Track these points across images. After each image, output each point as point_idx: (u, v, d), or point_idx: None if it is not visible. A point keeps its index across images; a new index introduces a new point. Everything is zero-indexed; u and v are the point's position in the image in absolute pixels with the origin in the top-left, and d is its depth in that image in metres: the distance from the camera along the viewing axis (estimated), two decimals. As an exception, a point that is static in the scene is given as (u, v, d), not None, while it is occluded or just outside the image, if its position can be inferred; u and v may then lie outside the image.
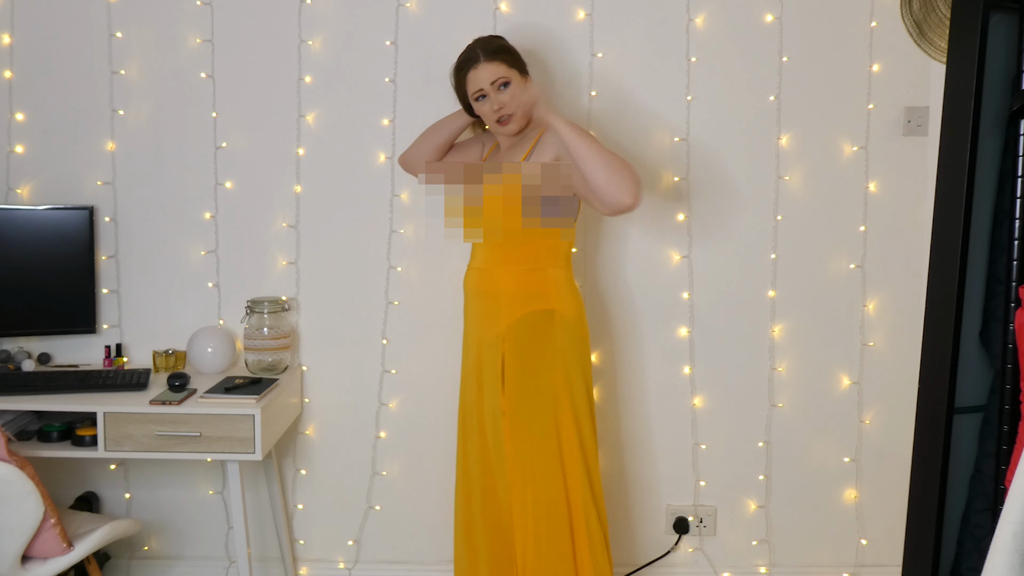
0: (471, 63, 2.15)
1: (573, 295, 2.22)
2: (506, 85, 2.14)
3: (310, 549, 2.72)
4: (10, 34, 2.55)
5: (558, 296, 2.17)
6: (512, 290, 2.17)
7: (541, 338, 2.14)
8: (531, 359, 2.14)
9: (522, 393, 2.14)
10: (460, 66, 2.19)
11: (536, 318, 2.14)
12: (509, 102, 2.14)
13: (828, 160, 2.58)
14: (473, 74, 2.15)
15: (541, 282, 2.17)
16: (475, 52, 2.16)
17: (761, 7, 2.54)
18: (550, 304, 2.15)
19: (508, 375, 2.15)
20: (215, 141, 2.59)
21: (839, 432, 2.66)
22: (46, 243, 2.46)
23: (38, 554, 2.03)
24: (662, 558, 2.70)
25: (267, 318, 2.48)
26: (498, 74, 2.13)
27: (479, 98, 2.17)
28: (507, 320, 2.15)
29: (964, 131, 1.80)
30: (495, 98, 2.14)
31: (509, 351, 2.14)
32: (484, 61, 2.13)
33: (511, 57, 2.18)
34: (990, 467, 1.90)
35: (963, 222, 1.80)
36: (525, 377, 2.14)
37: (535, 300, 2.15)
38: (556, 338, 2.14)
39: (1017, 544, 1.21)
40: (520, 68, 2.19)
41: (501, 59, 2.15)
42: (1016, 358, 1.79)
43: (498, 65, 2.14)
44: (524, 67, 2.22)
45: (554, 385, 2.14)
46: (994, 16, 1.81)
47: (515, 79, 2.16)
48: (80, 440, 2.24)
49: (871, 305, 2.62)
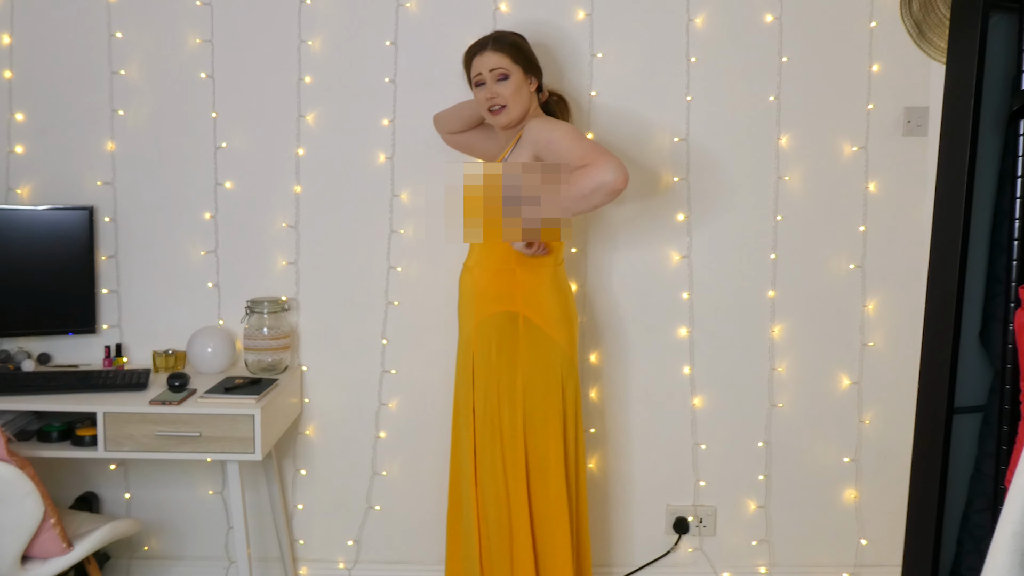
0: (479, 48, 2.21)
1: (546, 297, 2.18)
2: (505, 78, 2.17)
3: (310, 549, 2.72)
4: (10, 34, 2.55)
5: (523, 298, 2.17)
6: (482, 290, 2.19)
7: (503, 340, 2.15)
8: (493, 360, 2.16)
9: (486, 393, 2.17)
10: (469, 51, 2.24)
11: (499, 319, 2.16)
12: (503, 94, 2.16)
13: (828, 160, 2.58)
14: (478, 59, 2.20)
15: (508, 283, 2.17)
16: (486, 40, 2.21)
17: (761, 7, 2.54)
18: (514, 306, 2.16)
19: (476, 374, 2.18)
20: (215, 141, 2.59)
21: (839, 432, 2.66)
22: (46, 243, 2.46)
23: (38, 554, 2.03)
24: (662, 558, 2.70)
25: (267, 318, 2.48)
26: (499, 65, 2.17)
27: (478, 84, 2.21)
28: (476, 319, 2.19)
29: (964, 131, 1.80)
30: (490, 87, 2.18)
31: (477, 351, 2.18)
32: (490, 50, 2.18)
33: (517, 53, 2.20)
34: (990, 467, 1.90)
35: (963, 222, 1.80)
36: (488, 377, 2.16)
37: (500, 301, 2.17)
38: (519, 340, 2.15)
39: (1017, 544, 1.21)
40: (525, 67, 2.20)
41: (506, 52, 2.18)
42: (1016, 358, 1.79)
43: (501, 57, 2.17)
44: (532, 68, 2.23)
45: (512, 387, 2.15)
46: (994, 16, 1.81)
47: (516, 75, 2.17)
48: (80, 440, 2.24)
49: (871, 305, 2.62)
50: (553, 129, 2.07)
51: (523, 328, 2.16)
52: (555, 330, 2.17)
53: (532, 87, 2.22)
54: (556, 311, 2.19)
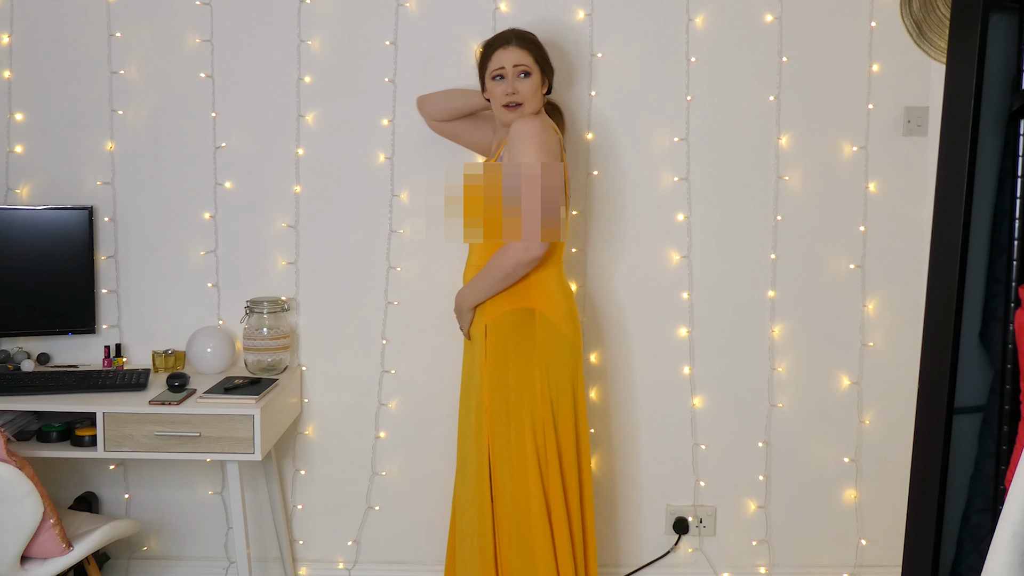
0: (502, 42, 2.20)
1: (556, 294, 2.18)
2: (526, 75, 2.17)
3: (310, 549, 2.71)
4: (10, 34, 2.54)
5: (537, 295, 2.16)
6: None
7: (520, 336, 2.15)
8: (510, 357, 2.15)
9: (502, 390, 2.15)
10: (490, 43, 2.23)
11: (514, 316, 2.16)
12: (523, 92, 2.16)
13: (828, 160, 2.58)
14: (500, 53, 2.18)
15: (521, 280, 2.16)
16: (509, 34, 2.21)
17: (761, 7, 2.54)
18: (529, 303, 2.15)
19: (489, 372, 2.16)
20: (215, 141, 2.59)
21: (839, 432, 2.66)
22: (46, 243, 2.46)
23: (37, 554, 2.03)
24: (662, 558, 2.70)
25: (267, 318, 2.48)
26: (522, 61, 2.17)
27: (496, 77, 2.19)
28: (488, 317, 2.17)
29: (964, 131, 1.80)
30: (511, 82, 2.16)
31: (490, 348, 2.16)
32: (514, 45, 2.18)
33: (540, 53, 2.21)
34: (990, 467, 1.89)
35: (963, 222, 1.80)
36: (505, 374, 2.15)
37: (513, 298, 2.16)
38: (536, 337, 2.14)
39: (1017, 544, 1.21)
40: (544, 69, 2.21)
41: (530, 50, 2.19)
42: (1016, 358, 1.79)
43: (525, 54, 2.17)
44: (548, 69, 2.23)
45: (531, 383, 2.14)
46: (994, 16, 1.81)
47: (536, 75, 2.18)
48: (79, 440, 2.24)
49: (871, 305, 2.62)
50: (522, 154, 2.06)
51: (539, 324, 2.15)
52: (567, 326, 2.18)
53: (544, 89, 2.22)
54: (565, 308, 2.20)
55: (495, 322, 2.16)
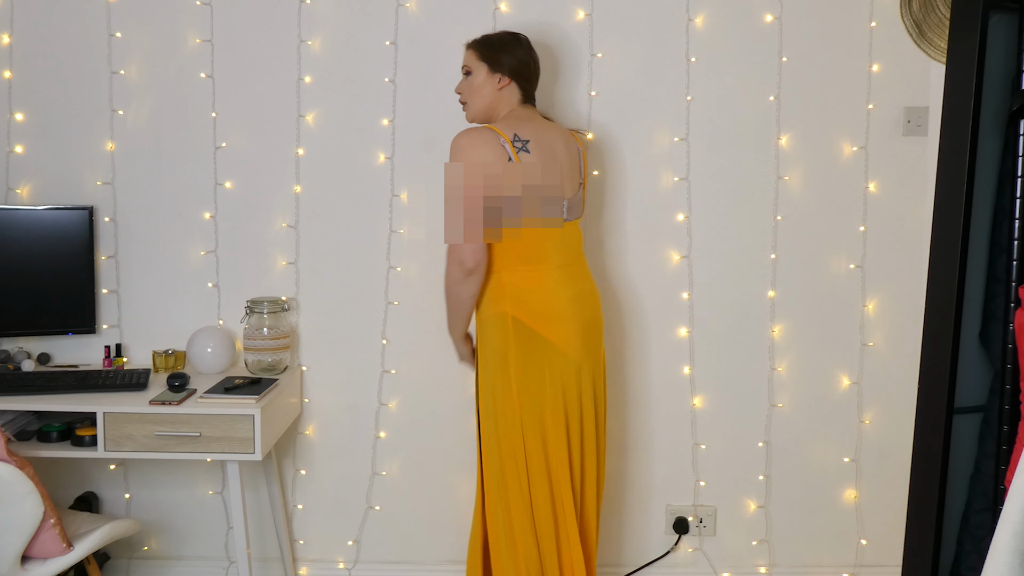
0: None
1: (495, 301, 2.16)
2: (468, 74, 2.24)
3: (310, 549, 2.72)
4: (10, 34, 2.54)
5: (480, 309, 2.21)
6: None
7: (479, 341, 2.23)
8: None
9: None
10: None
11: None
12: (462, 91, 2.25)
13: (828, 160, 2.58)
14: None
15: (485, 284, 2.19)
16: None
17: (761, 7, 2.54)
18: (475, 320, 2.24)
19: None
20: (215, 141, 2.59)
21: (839, 432, 2.66)
22: (46, 243, 2.46)
23: (38, 554, 2.03)
24: (662, 558, 2.70)
25: (267, 318, 2.48)
26: (466, 61, 2.25)
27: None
28: (474, 324, 2.27)
29: (964, 131, 1.80)
30: (461, 82, 2.27)
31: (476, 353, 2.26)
32: (465, 50, 2.26)
33: (486, 50, 2.22)
34: (990, 467, 1.89)
35: (963, 222, 1.80)
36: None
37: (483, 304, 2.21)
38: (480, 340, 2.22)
39: (1017, 544, 1.21)
40: (492, 62, 2.20)
41: (475, 48, 2.24)
42: (1016, 358, 1.79)
43: (470, 53, 2.24)
44: (499, 63, 2.19)
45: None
46: (994, 16, 1.81)
47: (479, 72, 2.21)
48: (80, 440, 2.24)
49: (871, 305, 2.62)
50: (446, 167, 2.08)
51: (512, 327, 2.15)
52: (546, 328, 2.17)
53: (501, 85, 2.20)
54: (543, 310, 2.18)
55: (479, 325, 2.20)
